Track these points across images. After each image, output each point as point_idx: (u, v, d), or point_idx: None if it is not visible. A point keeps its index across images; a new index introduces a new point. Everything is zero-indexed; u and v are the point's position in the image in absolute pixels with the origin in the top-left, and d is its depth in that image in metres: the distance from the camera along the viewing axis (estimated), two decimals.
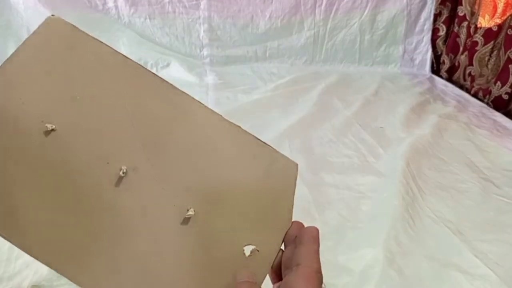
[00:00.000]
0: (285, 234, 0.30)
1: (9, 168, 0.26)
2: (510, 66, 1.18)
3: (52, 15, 0.31)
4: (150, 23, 1.37)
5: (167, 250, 0.27)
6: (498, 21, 1.22)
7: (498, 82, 1.21)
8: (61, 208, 0.26)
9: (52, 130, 0.27)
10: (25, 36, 1.42)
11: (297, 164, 0.32)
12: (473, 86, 1.32)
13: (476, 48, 1.31)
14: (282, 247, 0.30)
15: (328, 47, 1.47)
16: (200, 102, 0.32)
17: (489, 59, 1.27)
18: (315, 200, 0.71)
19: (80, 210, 0.26)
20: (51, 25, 0.30)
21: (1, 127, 0.26)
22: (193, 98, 0.32)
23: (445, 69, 1.47)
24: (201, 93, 1.17)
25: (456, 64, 1.43)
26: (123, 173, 0.27)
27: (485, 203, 0.74)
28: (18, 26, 1.29)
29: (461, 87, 1.37)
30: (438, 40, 1.50)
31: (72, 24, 0.30)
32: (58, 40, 0.29)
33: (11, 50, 1.27)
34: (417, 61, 1.52)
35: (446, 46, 1.47)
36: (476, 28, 1.31)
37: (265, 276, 0.29)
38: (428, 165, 0.85)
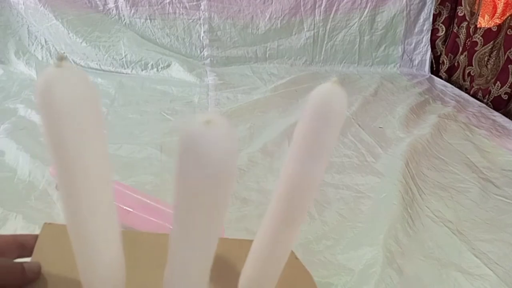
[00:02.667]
0: None
1: None
2: (509, 66, 1.18)
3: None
4: (150, 23, 1.37)
5: None
6: (498, 21, 1.22)
7: (498, 82, 1.21)
8: None
9: None
10: (26, 36, 1.41)
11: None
12: (472, 86, 1.32)
13: (476, 48, 1.31)
14: None
15: (327, 47, 1.47)
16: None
17: (488, 59, 1.27)
18: (314, 200, 0.71)
19: None
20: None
21: None
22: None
23: (445, 69, 1.47)
24: (202, 94, 1.17)
25: (456, 64, 1.43)
26: None
27: (484, 203, 0.74)
28: (18, 26, 1.29)
29: (461, 87, 1.37)
30: (437, 41, 1.50)
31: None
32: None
33: (11, 50, 1.28)
34: (416, 62, 1.52)
35: (446, 47, 1.48)
36: (475, 28, 1.31)
37: None
38: (428, 165, 0.85)
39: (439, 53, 1.51)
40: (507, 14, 1.20)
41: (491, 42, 1.26)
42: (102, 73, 1.29)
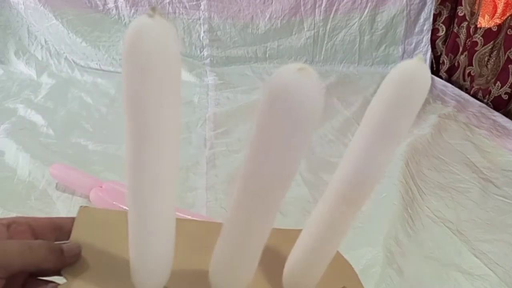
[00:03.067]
0: None
1: None
2: (509, 66, 1.18)
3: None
4: None
5: None
6: (498, 21, 1.22)
7: (498, 82, 1.21)
8: None
9: None
10: (25, 36, 1.41)
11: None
12: (472, 86, 1.32)
13: (476, 48, 1.31)
14: None
15: (328, 47, 1.47)
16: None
17: (488, 59, 1.27)
18: (315, 200, 0.71)
19: None
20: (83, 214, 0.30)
21: None
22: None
23: (445, 69, 1.47)
24: (201, 93, 1.17)
25: (456, 64, 1.43)
26: None
27: (485, 203, 0.74)
28: (18, 26, 1.29)
29: (461, 87, 1.37)
30: (437, 41, 1.50)
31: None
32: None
33: (11, 50, 1.28)
34: None
35: (446, 47, 1.48)
36: (476, 28, 1.31)
37: None
38: (428, 165, 0.85)
39: (439, 53, 1.51)
40: (507, 14, 1.19)
41: (491, 42, 1.25)
42: (102, 73, 1.29)
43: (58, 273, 0.26)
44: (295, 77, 0.17)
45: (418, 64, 0.20)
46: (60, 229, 0.29)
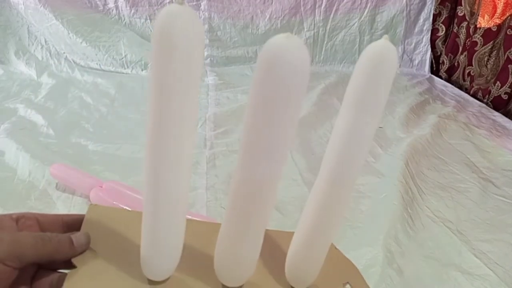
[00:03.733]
0: None
1: None
2: (509, 66, 1.18)
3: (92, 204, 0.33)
4: (150, 23, 1.37)
5: None
6: (498, 21, 1.22)
7: (498, 82, 1.21)
8: None
9: None
10: (26, 36, 1.40)
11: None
12: (472, 86, 1.32)
13: (476, 48, 1.31)
14: None
15: (327, 47, 1.48)
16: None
17: (488, 59, 1.27)
18: None
19: None
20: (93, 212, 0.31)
21: None
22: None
23: (445, 69, 1.47)
24: (202, 93, 1.17)
25: (456, 64, 1.43)
26: None
27: (484, 203, 0.74)
28: (18, 26, 1.29)
29: (461, 87, 1.37)
30: (437, 41, 1.50)
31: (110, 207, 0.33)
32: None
33: (11, 50, 1.28)
34: (416, 62, 1.52)
35: (446, 46, 1.48)
36: (475, 28, 1.31)
37: None
38: (428, 165, 0.85)
39: (439, 53, 1.51)
40: (507, 14, 1.20)
41: (491, 42, 1.26)
42: (102, 73, 1.29)
43: (67, 264, 0.27)
44: (283, 42, 0.20)
45: (385, 43, 0.23)
46: (68, 225, 0.30)
